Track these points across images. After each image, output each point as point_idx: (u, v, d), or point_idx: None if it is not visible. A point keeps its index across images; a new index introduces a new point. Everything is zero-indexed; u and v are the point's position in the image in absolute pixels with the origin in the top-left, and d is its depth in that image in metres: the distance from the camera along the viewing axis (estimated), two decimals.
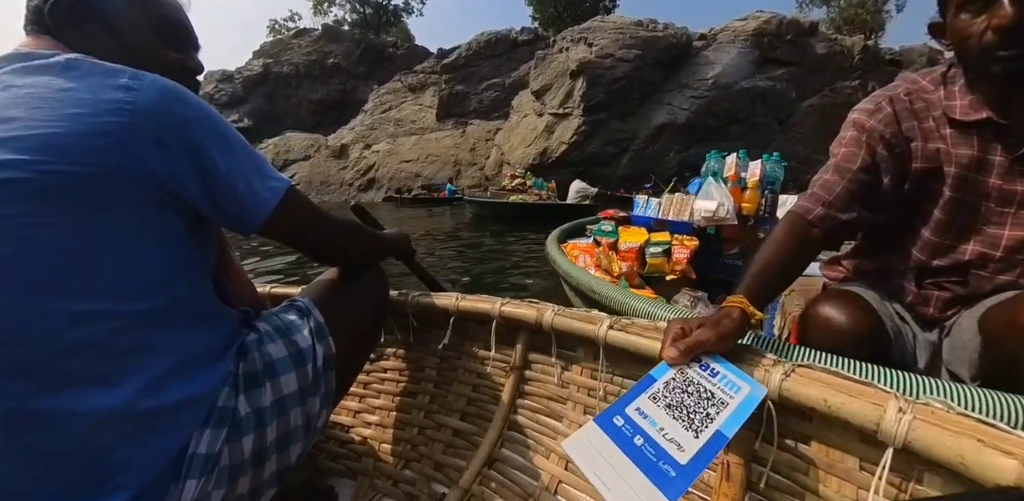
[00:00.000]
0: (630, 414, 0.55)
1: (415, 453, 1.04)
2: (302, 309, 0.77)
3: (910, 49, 18.72)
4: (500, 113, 18.18)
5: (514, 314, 0.93)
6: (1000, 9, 0.70)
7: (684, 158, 14.66)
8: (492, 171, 16.98)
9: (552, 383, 0.94)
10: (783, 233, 0.87)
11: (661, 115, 14.99)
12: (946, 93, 0.85)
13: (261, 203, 0.62)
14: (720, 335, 0.61)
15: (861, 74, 15.75)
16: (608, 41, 14.85)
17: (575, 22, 21.87)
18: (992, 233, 0.85)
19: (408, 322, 1.09)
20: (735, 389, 0.56)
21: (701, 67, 15.14)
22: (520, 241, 6.50)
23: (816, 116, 15.09)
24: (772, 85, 14.90)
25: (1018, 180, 0.81)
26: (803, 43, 15.16)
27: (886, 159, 0.86)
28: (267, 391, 0.64)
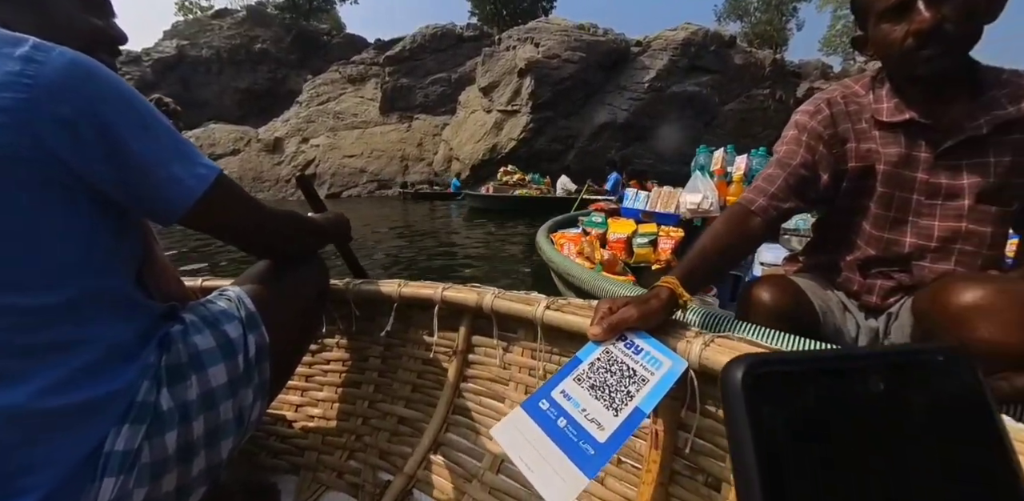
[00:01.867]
0: (555, 397, 0.56)
1: (360, 443, 1.03)
2: (232, 298, 0.73)
3: (807, 63, 21.33)
4: (447, 108, 17.98)
5: (456, 298, 0.95)
6: (917, 15, 0.75)
7: (624, 156, 15.63)
8: (441, 167, 16.87)
9: (495, 365, 0.96)
10: (723, 222, 0.91)
11: (603, 115, 15.80)
12: (874, 97, 0.90)
13: (185, 191, 0.57)
14: (644, 313, 0.62)
15: (771, 84, 17.56)
16: (554, 42, 15.37)
17: (514, 20, 22.29)
18: (925, 225, 0.90)
19: (350, 311, 1.08)
20: (656, 365, 0.58)
21: (638, 71, 16.15)
22: (529, 230, 6.94)
23: (735, 119, 16.65)
24: (699, 90, 16.19)
25: (942, 174, 0.86)
26: (724, 54, 16.68)
27: (824, 156, 0.92)
28: (193, 384, 0.61)
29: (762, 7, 24.92)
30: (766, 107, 16.97)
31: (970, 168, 0.85)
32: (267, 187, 17.89)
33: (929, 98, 0.85)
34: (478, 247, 5.87)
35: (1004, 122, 0.81)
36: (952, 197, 0.88)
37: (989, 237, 0.88)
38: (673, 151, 16.00)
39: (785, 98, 17.67)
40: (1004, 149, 0.83)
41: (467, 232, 7.34)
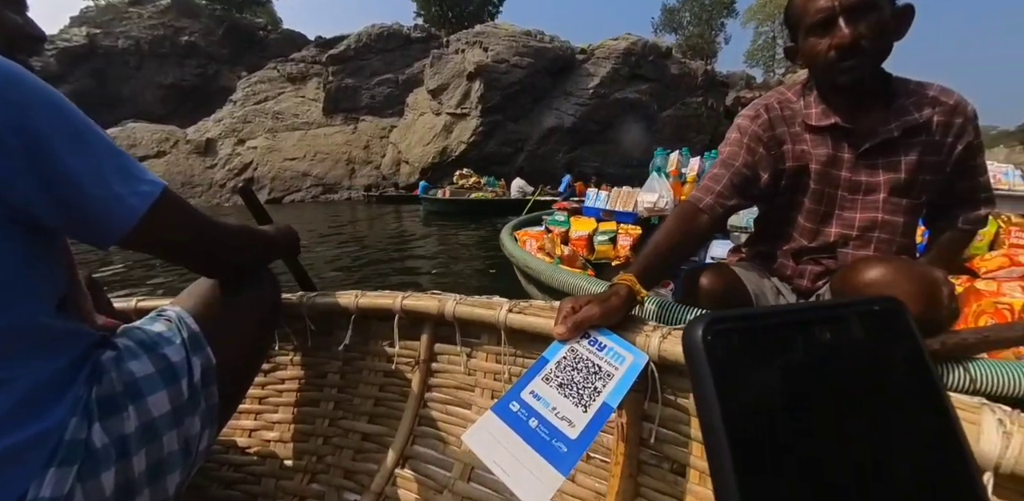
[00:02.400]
0: (525, 398, 0.56)
1: (321, 465, 0.99)
2: (172, 319, 0.67)
3: (734, 73, 23.06)
4: (394, 110, 17.62)
5: (416, 306, 0.92)
6: (839, 31, 0.85)
7: (571, 158, 16.13)
8: (389, 170, 16.53)
9: (459, 372, 0.94)
10: (674, 220, 0.97)
11: (551, 119, 16.20)
12: (804, 103, 1.00)
13: (126, 211, 0.52)
14: (605, 310, 0.64)
15: (703, 92, 18.70)
16: (503, 47, 15.56)
17: (460, 22, 22.31)
18: (848, 217, 1.00)
19: (305, 326, 1.03)
20: (620, 360, 0.60)
21: (583, 78, 16.69)
22: (489, 231, 7.13)
23: (673, 125, 17.60)
24: (639, 97, 16.96)
25: (862, 172, 0.97)
26: (662, 64, 17.61)
27: (764, 157, 1.00)
28: (130, 415, 0.56)
29: (694, 21, 26.72)
30: (700, 114, 18.09)
31: (885, 166, 0.96)
32: (199, 192, 16.68)
33: (850, 105, 0.95)
34: (435, 250, 5.92)
35: (912, 127, 0.93)
36: (870, 192, 0.99)
37: (901, 226, 1.00)
38: (618, 154, 16.73)
39: (716, 106, 18.95)
40: (912, 149, 0.95)
41: (424, 235, 7.35)
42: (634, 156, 16.98)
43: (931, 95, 0.94)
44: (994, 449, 0.44)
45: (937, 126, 0.94)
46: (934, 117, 0.93)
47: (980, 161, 1.00)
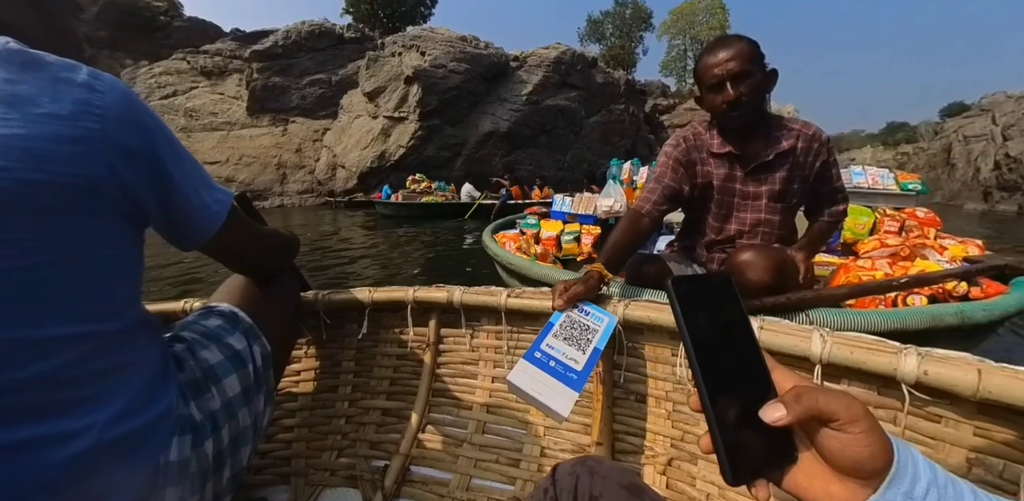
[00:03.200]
0: (544, 349, 0.78)
1: (347, 441, 1.09)
2: (226, 313, 0.76)
3: (651, 83, 24.94)
4: (327, 112, 16.85)
5: (427, 298, 1.06)
6: (727, 92, 1.16)
7: (507, 162, 16.64)
8: (324, 175, 15.87)
9: (464, 350, 1.11)
10: (625, 223, 1.26)
11: (487, 124, 16.54)
12: (709, 135, 1.31)
13: (212, 217, 0.60)
14: (588, 288, 0.87)
15: (625, 100, 20.02)
16: (440, 52, 15.58)
17: (392, 22, 21.77)
18: (742, 217, 1.33)
19: (320, 321, 1.13)
20: (600, 321, 0.83)
21: (516, 84, 17.17)
22: (441, 232, 7.61)
23: (599, 130, 18.68)
24: (568, 104, 17.74)
25: (750, 185, 1.30)
26: (588, 73, 18.57)
27: (684, 175, 1.31)
28: (214, 396, 0.64)
29: (616, 33, 28.35)
30: (623, 120, 19.37)
31: (764, 180, 1.29)
32: None
33: (739, 138, 1.28)
34: (386, 251, 6.16)
35: (781, 151, 1.25)
36: (756, 198, 1.32)
37: (778, 222, 1.33)
38: (551, 158, 17.52)
39: (636, 112, 20.42)
40: (782, 167, 1.27)
41: (375, 238, 7.54)
42: (565, 160, 17.93)
43: (796, 128, 1.28)
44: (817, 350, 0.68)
45: (800, 150, 1.27)
46: (798, 144, 1.27)
47: (835, 172, 1.34)
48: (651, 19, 28.45)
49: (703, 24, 28.92)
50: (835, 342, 0.67)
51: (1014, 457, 0.59)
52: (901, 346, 0.64)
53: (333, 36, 17.41)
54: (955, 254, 1.81)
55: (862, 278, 1.64)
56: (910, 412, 0.65)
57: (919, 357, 0.60)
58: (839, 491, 0.29)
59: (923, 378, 0.60)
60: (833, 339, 0.68)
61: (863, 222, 2.24)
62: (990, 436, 0.61)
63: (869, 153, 31.38)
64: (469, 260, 5.12)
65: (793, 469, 0.31)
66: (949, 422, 0.63)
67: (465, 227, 8.42)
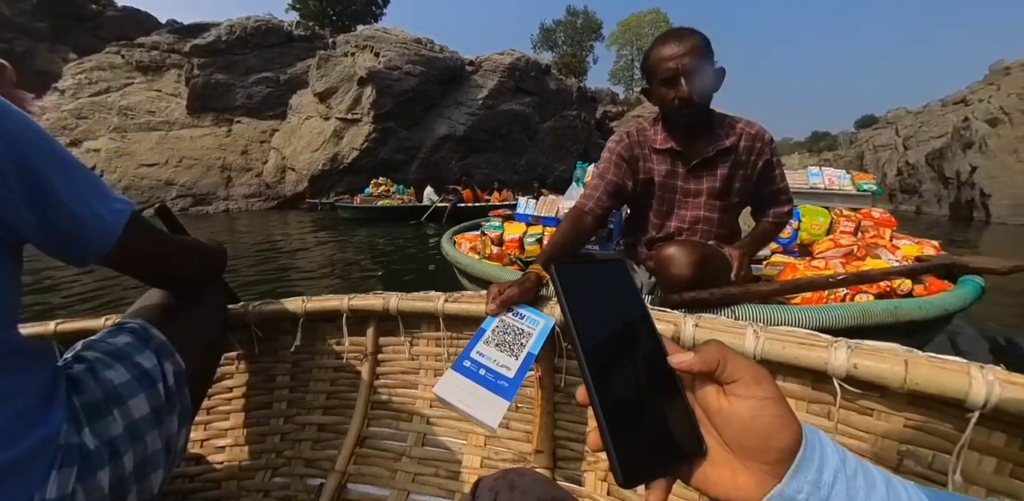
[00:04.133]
0: (474, 357, 0.74)
1: (281, 459, 1.05)
2: (136, 330, 0.71)
3: (601, 90, 25.83)
4: (276, 112, 16.16)
5: (363, 306, 1.01)
6: (680, 87, 1.14)
7: (464, 166, 16.75)
8: (274, 178, 15.24)
9: (404, 359, 1.06)
10: (567, 222, 1.23)
11: (443, 127, 16.58)
12: (653, 131, 1.29)
13: (106, 228, 0.55)
14: (523, 291, 0.83)
15: (577, 107, 20.57)
16: (395, 54, 15.47)
17: (342, 20, 21.31)
18: (682, 214, 1.32)
19: (251, 334, 1.08)
20: (535, 324, 0.80)
21: (472, 89, 17.32)
22: (399, 235, 7.77)
23: (552, 135, 19.11)
24: (523, 109, 18.07)
25: (691, 182, 1.28)
26: (542, 80, 19.00)
27: (627, 170, 1.29)
28: (116, 419, 0.59)
29: (568, 42, 29.14)
30: (575, 125, 19.94)
31: (705, 178, 1.27)
32: None
33: (683, 135, 1.26)
34: (341, 254, 6.16)
35: (723, 149, 1.24)
36: (696, 196, 1.30)
37: (717, 220, 1.32)
38: (507, 162, 17.80)
39: (588, 118, 21.07)
40: (723, 165, 1.25)
41: (332, 241, 7.48)
42: (520, 164, 18.24)
43: (739, 126, 1.27)
44: (750, 347, 0.66)
45: (743, 149, 1.26)
46: (740, 142, 1.25)
47: (778, 173, 1.32)
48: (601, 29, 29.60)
49: (649, 36, 30.24)
50: (768, 338, 0.67)
51: (942, 447, 0.59)
52: (832, 339, 0.64)
53: (281, 33, 16.69)
54: (908, 254, 1.80)
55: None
56: (842, 406, 0.64)
57: (849, 350, 0.61)
58: (746, 481, 0.27)
59: (853, 371, 0.59)
60: (766, 334, 0.67)
61: (819, 223, 2.25)
62: (919, 427, 0.61)
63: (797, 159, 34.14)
64: (427, 264, 5.20)
65: (701, 463, 0.29)
66: (880, 415, 0.63)
67: (426, 231, 8.49)
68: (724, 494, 0.28)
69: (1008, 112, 12.24)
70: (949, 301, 1.22)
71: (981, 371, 0.53)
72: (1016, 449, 0.55)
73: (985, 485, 0.57)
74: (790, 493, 0.26)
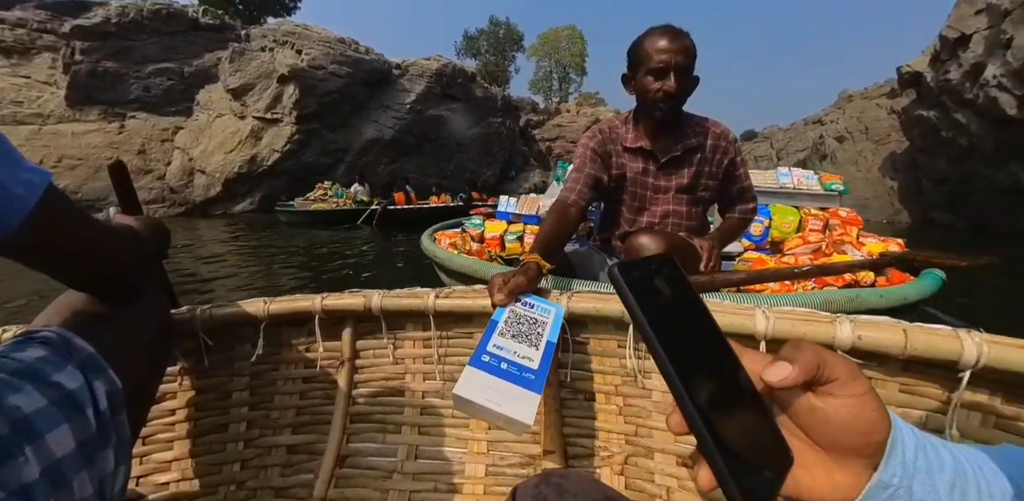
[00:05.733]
0: (491, 350, 0.68)
1: (244, 491, 0.90)
2: (53, 341, 0.54)
3: (522, 99, 26.72)
4: (180, 108, 14.41)
5: (339, 305, 0.89)
6: (668, 80, 1.16)
7: (393, 170, 16.41)
8: (179, 181, 13.65)
9: (387, 364, 0.95)
10: (552, 214, 1.25)
11: (371, 130, 16.13)
12: (625, 129, 1.33)
13: (14, 204, 0.42)
14: (528, 279, 0.82)
15: (502, 114, 21.17)
16: (319, 53, 14.72)
17: (248, 10, 19.73)
18: (653, 209, 1.37)
19: (199, 343, 0.91)
20: (547, 312, 0.78)
21: (400, 93, 17.06)
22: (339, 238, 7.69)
23: (479, 141, 19.46)
24: (451, 115, 18.25)
25: (661, 178, 1.33)
26: (468, 87, 19.25)
27: (601, 165, 1.32)
28: (29, 460, 0.43)
29: (491, 50, 29.66)
30: (500, 132, 20.46)
31: (674, 175, 1.33)
32: None
33: (653, 133, 1.30)
34: (266, 259, 5.95)
35: (690, 148, 1.29)
36: (666, 191, 1.34)
37: (685, 214, 1.37)
38: (435, 166, 17.75)
39: (512, 126, 21.72)
40: (691, 163, 1.31)
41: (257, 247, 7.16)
42: (449, 168, 18.28)
43: (706, 125, 1.32)
44: (762, 327, 0.67)
45: (709, 147, 1.31)
46: (706, 141, 1.30)
47: (742, 171, 1.37)
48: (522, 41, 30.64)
49: (566, 50, 32.09)
50: (777, 317, 0.67)
51: (935, 408, 0.63)
52: (832, 315, 0.66)
53: (185, 20, 14.90)
54: (873, 250, 1.85)
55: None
56: None
57: (852, 323, 0.63)
58: (843, 478, 0.26)
59: (858, 343, 0.61)
60: (775, 315, 0.68)
61: (789, 221, 2.32)
62: (913, 391, 0.64)
63: None
64: (363, 268, 5.05)
65: (794, 469, 0.26)
66: (878, 382, 0.66)
67: (362, 233, 8.44)
68: (822, 495, 0.26)
69: (851, 131, 15.43)
70: (909, 291, 1.24)
71: (969, 335, 0.58)
72: (998, 403, 0.60)
73: (975, 438, 0.60)
74: (886, 480, 0.25)
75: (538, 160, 23.82)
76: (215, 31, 15.32)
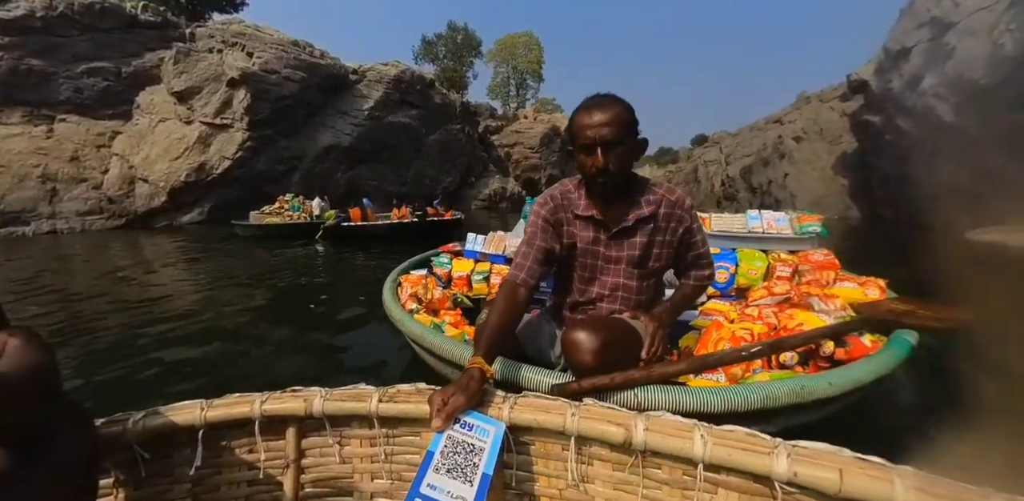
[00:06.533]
0: (424, 492, 0.67)
1: None
2: None
3: (481, 105, 26.78)
4: (117, 111, 13.38)
5: (280, 410, 0.89)
6: (597, 157, 1.15)
7: (351, 177, 16.08)
8: (118, 190, 12.71)
9: (334, 463, 0.94)
10: (502, 299, 1.20)
11: (327, 137, 15.73)
12: (577, 195, 1.31)
13: None
14: (469, 396, 0.78)
15: (461, 121, 21.18)
16: (271, 56, 14.17)
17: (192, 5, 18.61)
18: (604, 280, 1.34)
19: (133, 455, 0.86)
20: (485, 434, 0.75)
21: (357, 99, 16.73)
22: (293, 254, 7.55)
23: (438, 148, 19.39)
24: (409, 122, 18.02)
25: (612, 248, 1.30)
26: (427, 93, 19.12)
27: (552, 233, 1.30)
28: None
29: (449, 55, 29.43)
30: (459, 139, 20.46)
31: (626, 245, 1.30)
32: None
33: (604, 202, 1.28)
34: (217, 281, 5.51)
35: (642, 217, 1.26)
36: (617, 262, 1.32)
37: (635, 288, 1.33)
38: (394, 174, 17.54)
39: (471, 132, 21.76)
40: (643, 233, 1.28)
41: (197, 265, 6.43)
42: (408, 176, 18.10)
43: (660, 193, 1.29)
44: (699, 452, 0.70)
45: (662, 216, 1.28)
46: (660, 210, 1.27)
47: (699, 238, 1.35)
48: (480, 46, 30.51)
49: (523, 56, 32.42)
50: (714, 442, 0.69)
51: None
52: (772, 443, 0.67)
53: (122, 16, 13.73)
54: (846, 299, 1.75)
55: (735, 334, 1.63)
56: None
57: (789, 458, 0.64)
58: None
59: (794, 479, 0.63)
60: (712, 439, 0.69)
61: (756, 267, 2.20)
62: None
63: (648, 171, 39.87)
64: (319, 295, 4.57)
65: None
66: None
67: (319, 250, 8.21)
68: None
69: (807, 132, 16.64)
70: (864, 372, 1.16)
71: (901, 477, 0.59)
72: None
73: None
74: None
75: (497, 166, 23.96)
76: (156, 29, 14.34)
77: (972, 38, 7.61)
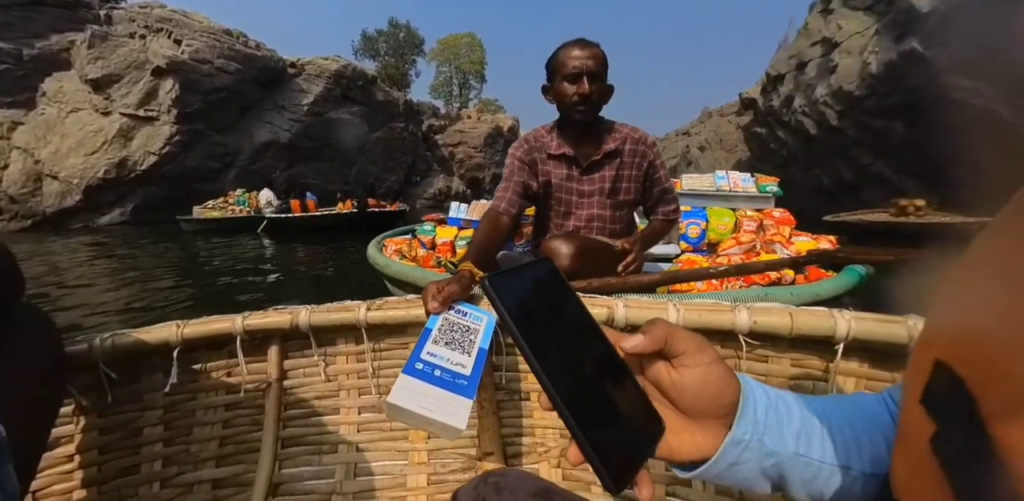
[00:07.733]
0: (425, 358, 0.69)
1: None
2: None
3: (423, 103, 26.52)
4: (18, 99, 11.89)
5: (264, 324, 0.85)
6: (583, 84, 1.25)
7: (291, 175, 15.43)
8: (22, 188, 11.41)
9: (319, 381, 0.92)
10: (485, 222, 1.31)
11: (264, 133, 15.02)
12: (549, 138, 1.42)
13: None
14: (462, 288, 0.82)
15: (404, 119, 20.94)
16: (202, 44, 13.27)
17: None
18: (579, 213, 1.45)
19: (99, 376, 0.80)
20: (479, 320, 0.79)
21: (296, 93, 16.08)
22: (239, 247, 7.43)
23: (381, 146, 19.05)
24: (352, 118, 17.57)
25: (584, 183, 1.41)
26: (369, 90, 18.68)
27: (528, 172, 1.41)
28: None
29: (390, 52, 28.80)
30: (403, 137, 20.22)
31: (597, 179, 1.41)
32: None
33: (575, 140, 1.39)
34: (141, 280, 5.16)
35: (609, 152, 1.38)
36: (590, 196, 1.43)
37: (609, 217, 1.45)
38: (336, 172, 17.05)
39: (415, 131, 21.54)
40: (610, 167, 1.40)
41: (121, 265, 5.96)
42: (351, 174, 17.64)
43: (624, 131, 1.41)
44: (674, 318, 0.75)
45: (627, 151, 1.39)
46: (625, 146, 1.39)
47: (663, 173, 1.45)
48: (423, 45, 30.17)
49: (465, 57, 32.54)
50: (686, 309, 0.75)
51: (819, 376, 0.73)
52: (733, 304, 0.75)
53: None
54: (802, 248, 1.88)
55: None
56: (746, 357, 0.76)
57: (748, 310, 0.72)
58: (704, 438, 0.31)
59: (754, 327, 0.71)
60: (684, 307, 0.76)
61: (725, 223, 2.36)
62: (801, 364, 0.75)
63: None
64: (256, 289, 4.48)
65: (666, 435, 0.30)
66: (773, 359, 0.76)
67: (263, 243, 8.05)
68: (688, 456, 0.31)
69: (710, 142, 18.49)
70: (822, 288, 1.28)
71: (841, 313, 0.68)
72: (867, 368, 0.70)
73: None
74: (739, 436, 0.30)
75: (441, 166, 23.89)
76: (65, 8, 12.88)
77: (849, 57, 9.14)
